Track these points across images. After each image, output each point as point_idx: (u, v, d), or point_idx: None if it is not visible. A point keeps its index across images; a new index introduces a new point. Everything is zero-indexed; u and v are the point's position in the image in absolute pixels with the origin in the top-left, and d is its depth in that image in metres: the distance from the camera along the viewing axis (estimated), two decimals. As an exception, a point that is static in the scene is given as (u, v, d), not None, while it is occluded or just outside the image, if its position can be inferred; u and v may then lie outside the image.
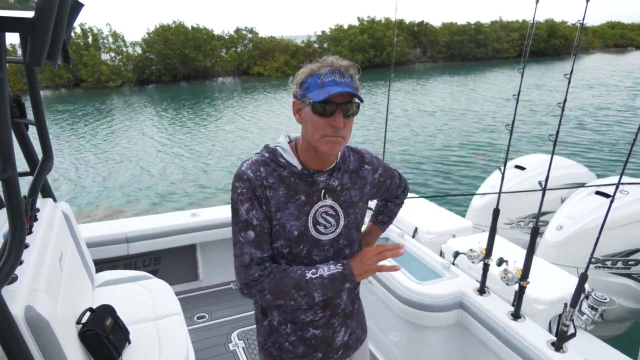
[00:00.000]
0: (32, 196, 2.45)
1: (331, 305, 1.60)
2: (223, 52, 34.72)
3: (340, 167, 1.56)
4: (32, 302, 1.71)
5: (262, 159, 1.49)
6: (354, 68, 1.42)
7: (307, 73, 1.41)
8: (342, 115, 1.38)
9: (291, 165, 1.48)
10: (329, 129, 1.38)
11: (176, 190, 10.61)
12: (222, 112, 20.59)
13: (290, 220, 1.47)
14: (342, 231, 1.55)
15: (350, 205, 1.56)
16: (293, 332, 1.60)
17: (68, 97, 26.24)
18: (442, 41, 42.71)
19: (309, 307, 1.57)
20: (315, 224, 1.50)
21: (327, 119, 1.38)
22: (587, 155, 11.96)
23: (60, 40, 1.47)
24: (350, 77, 1.39)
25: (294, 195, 1.48)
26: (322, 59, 1.42)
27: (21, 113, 2.41)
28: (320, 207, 1.51)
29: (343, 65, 1.39)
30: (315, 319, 1.59)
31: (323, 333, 1.61)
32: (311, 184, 1.49)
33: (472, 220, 4.05)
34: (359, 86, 1.43)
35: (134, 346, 2.37)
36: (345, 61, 1.42)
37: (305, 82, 1.41)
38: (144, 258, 3.78)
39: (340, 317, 1.64)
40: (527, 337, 2.34)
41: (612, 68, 34.40)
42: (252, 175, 1.45)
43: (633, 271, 3.99)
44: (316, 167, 1.51)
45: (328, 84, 1.36)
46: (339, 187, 1.54)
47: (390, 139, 13.66)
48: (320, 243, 1.51)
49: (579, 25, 2.36)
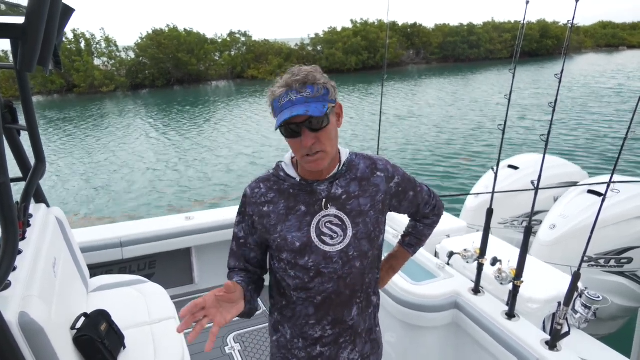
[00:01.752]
0: (25, 202, 2.44)
1: (341, 323, 1.54)
2: (217, 56, 34.70)
3: (345, 175, 1.51)
4: (26, 308, 1.70)
5: (265, 176, 1.54)
6: (312, 75, 1.33)
7: (270, 97, 1.37)
8: (310, 131, 1.33)
9: (290, 177, 1.49)
10: (303, 149, 1.35)
11: (170, 193, 10.59)
12: (217, 116, 20.57)
13: (291, 231, 1.46)
14: (350, 241, 1.47)
15: (359, 215, 1.49)
16: (303, 348, 1.57)
17: (61, 103, 26.14)
18: (435, 43, 42.87)
19: (317, 322, 1.53)
20: (320, 235, 1.46)
21: (297, 139, 1.35)
22: (579, 154, 12.03)
23: (51, 45, 1.48)
24: (310, 87, 1.31)
25: (294, 206, 1.47)
26: (284, 75, 1.36)
27: (13, 119, 2.41)
28: (323, 217, 1.47)
29: (298, 80, 1.31)
30: (324, 334, 1.55)
31: (330, 352, 1.57)
32: (311, 193, 1.47)
33: (466, 220, 4.07)
34: (329, 90, 1.35)
35: (130, 351, 2.36)
36: (304, 70, 1.34)
37: (272, 107, 1.38)
38: (139, 262, 3.77)
39: (348, 335, 1.57)
40: (521, 336, 2.35)
41: (602, 68, 34.61)
42: (248, 192, 1.53)
43: (626, 269, 4.02)
44: (314, 178, 1.48)
45: (285, 106, 1.32)
46: (344, 195, 1.48)
47: (384, 140, 13.70)
48: (327, 255, 1.46)
49: (569, 25, 2.38)
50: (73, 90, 28.68)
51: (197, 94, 28.71)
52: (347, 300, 1.52)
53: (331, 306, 1.51)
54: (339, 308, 1.52)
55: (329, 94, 1.35)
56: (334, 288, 1.48)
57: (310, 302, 1.51)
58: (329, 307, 1.51)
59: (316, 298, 1.50)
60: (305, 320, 1.53)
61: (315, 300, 1.50)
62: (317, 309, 1.51)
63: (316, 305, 1.51)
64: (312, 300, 1.50)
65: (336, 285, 1.48)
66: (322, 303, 1.50)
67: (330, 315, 1.52)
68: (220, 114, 20.94)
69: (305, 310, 1.52)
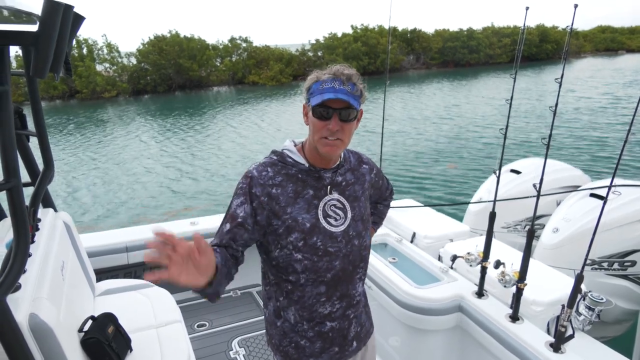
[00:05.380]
0: (34, 206, 2.46)
1: (347, 297, 1.69)
2: (218, 62, 34.78)
3: (344, 166, 1.70)
4: (36, 310, 1.73)
5: (270, 161, 1.63)
6: (357, 77, 1.52)
7: (312, 80, 1.53)
8: (339, 119, 1.49)
9: (299, 163, 1.61)
10: (326, 132, 1.50)
11: (174, 199, 10.61)
12: (219, 121, 20.61)
13: (301, 213, 1.57)
14: (350, 223, 1.64)
15: (355, 199, 1.68)
16: (310, 328, 1.66)
17: (63, 108, 26.21)
18: (435, 48, 42.92)
19: (327, 299, 1.64)
20: (326, 217, 1.60)
21: (324, 122, 1.50)
22: (581, 158, 12.04)
23: (63, 52, 1.50)
24: (352, 85, 1.50)
25: (302, 190, 1.59)
26: (329, 67, 1.53)
27: (22, 124, 2.43)
28: (329, 201, 1.62)
29: (345, 74, 1.49)
30: (333, 310, 1.66)
31: (340, 325, 1.69)
32: (318, 179, 1.62)
33: (469, 225, 4.08)
34: (362, 94, 1.54)
35: (136, 354, 2.38)
36: (350, 70, 1.52)
37: (310, 88, 1.53)
38: (144, 267, 3.78)
39: (354, 308, 1.73)
40: (525, 339, 2.36)
41: (602, 72, 34.63)
42: (255, 174, 1.58)
43: (629, 272, 4.02)
44: (322, 166, 1.63)
45: (327, 90, 1.47)
46: (344, 182, 1.67)
47: (386, 145, 13.69)
48: (333, 235, 1.60)
49: (568, 30, 2.41)
50: (75, 95, 28.80)
51: (198, 99, 28.75)
52: (351, 276, 1.68)
53: (339, 282, 1.64)
54: (344, 284, 1.67)
55: (361, 98, 1.54)
56: (341, 265, 1.63)
57: (320, 281, 1.62)
58: (337, 284, 1.64)
59: (326, 276, 1.61)
60: (316, 299, 1.64)
61: (325, 279, 1.62)
62: (328, 286, 1.63)
63: (327, 283, 1.62)
64: (322, 280, 1.61)
65: (342, 263, 1.63)
66: (331, 280, 1.62)
67: (339, 290, 1.66)
68: (221, 120, 20.98)
69: (316, 290, 1.62)
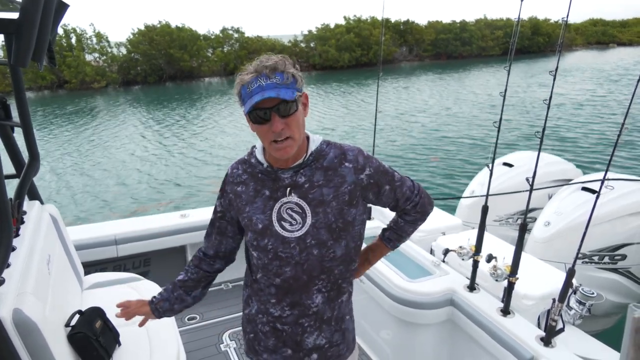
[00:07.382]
0: (19, 199, 2.42)
1: (300, 305, 1.56)
2: (209, 52, 34.53)
3: (311, 164, 1.51)
4: (20, 305, 1.69)
5: (243, 158, 1.62)
6: (282, 63, 1.37)
7: (238, 85, 1.39)
8: (280, 117, 1.36)
9: (259, 163, 1.55)
10: (272, 135, 1.38)
11: (164, 191, 10.54)
12: (210, 113, 20.49)
13: (256, 213, 1.53)
14: (309, 230, 1.48)
15: (319, 204, 1.48)
16: (267, 323, 1.62)
17: (51, 99, 25.91)
18: (428, 40, 42.94)
19: (277, 302, 1.57)
20: (280, 220, 1.50)
21: (266, 126, 1.38)
22: (573, 151, 12.10)
23: (45, 41, 1.46)
24: (280, 74, 1.35)
25: (260, 190, 1.54)
26: (252, 62, 1.39)
27: (6, 115, 2.38)
28: (285, 203, 1.49)
29: (268, 66, 1.35)
30: (283, 315, 1.58)
31: (292, 330, 1.59)
32: (275, 179, 1.51)
33: (461, 218, 4.08)
34: (296, 79, 1.39)
35: (124, 348, 2.35)
36: (273, 59, 1.38)
37: (239, 95, 1.40)
38: (134, 260, 3.75)
39: (311, 320, 1.58)
40: (516, 333, 2.36)
41: (594, 65, 34.79)
42: (229, 172, 1.63)
43: (620, 266, 4.05)
44: (280, 165, 1.51)
45: (254, 92, 1.34)
46: (307, 184, 1.49)
47: (378, 138, 13.69)
48: (285, 240, 1.49)
49: (562, 22, 2.39)
50: (64, 86, 28.45)
51: (190, 90, 28.56)
52: (305, 286, 1.54)
53: (289, 289, 1.54)
54: (297, 292, 1.55)
55: (296, 83, 1.39)
56: (292, 273, 1.52)
57: (270, 282, 1.56)
58: (287, 290, 1.55)
59: (275, 280, 1.55)
60: (267, 298, 1.59)
61: (275, 282, 1.55)
62: (277, 289, 1.56)
63: (276, 286, 1.56)
64: (271, 282, 1.56)
65: (294, 270, 1.51)
66: (281, 285, 1.54)
67: (289, 297, 1.56)
68: (212, 111, 20.86)
69: (268, 289, 1.58)
